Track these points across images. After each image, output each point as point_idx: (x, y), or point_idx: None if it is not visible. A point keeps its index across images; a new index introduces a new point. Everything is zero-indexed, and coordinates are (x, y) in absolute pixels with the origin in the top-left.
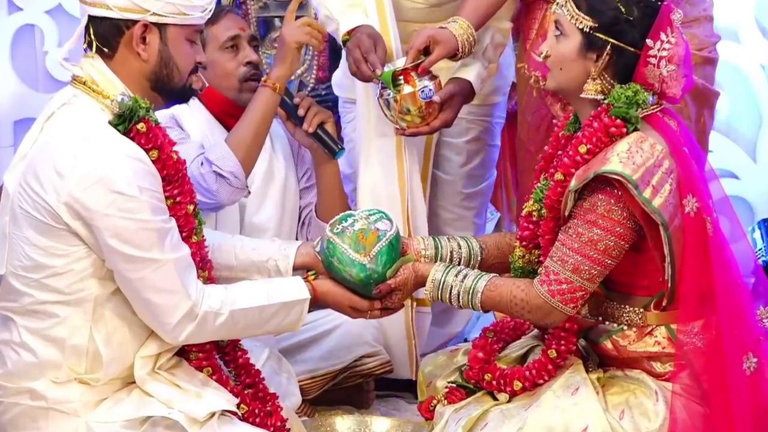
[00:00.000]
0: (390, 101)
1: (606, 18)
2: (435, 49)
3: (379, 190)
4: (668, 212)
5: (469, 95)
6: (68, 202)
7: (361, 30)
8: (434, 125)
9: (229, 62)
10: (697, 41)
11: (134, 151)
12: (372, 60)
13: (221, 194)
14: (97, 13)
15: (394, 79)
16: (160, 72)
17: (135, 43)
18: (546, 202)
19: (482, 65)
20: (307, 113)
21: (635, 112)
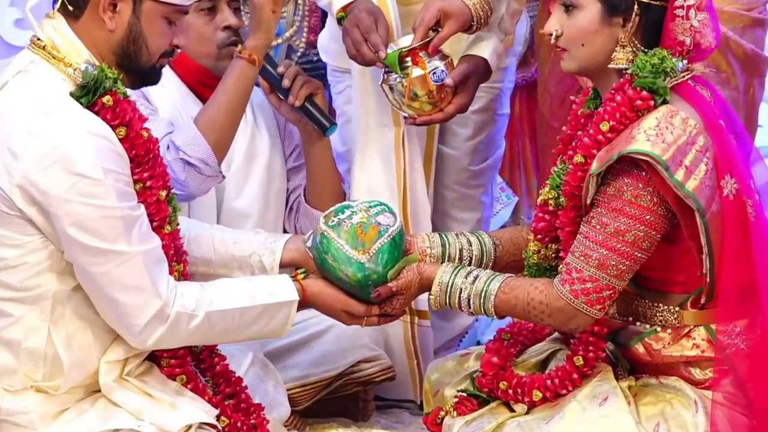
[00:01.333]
0: (396, 86)
1: None
2: (446, 23)
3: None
4: (704, 196)
5: (485, 74)
6: (22, 184)
7: (359, 5)
8: (449, 111)
9: (205, 26)
10: (745, 0)
11: (99, 127)
12: (373, 40)
13: (190, 184)
14: None
15: (400, 61)
16: (128, 47)
17: (102, 8)
18: (564, 188)
19: (498, 38)
20: (293, 84)
21: (663, 82)
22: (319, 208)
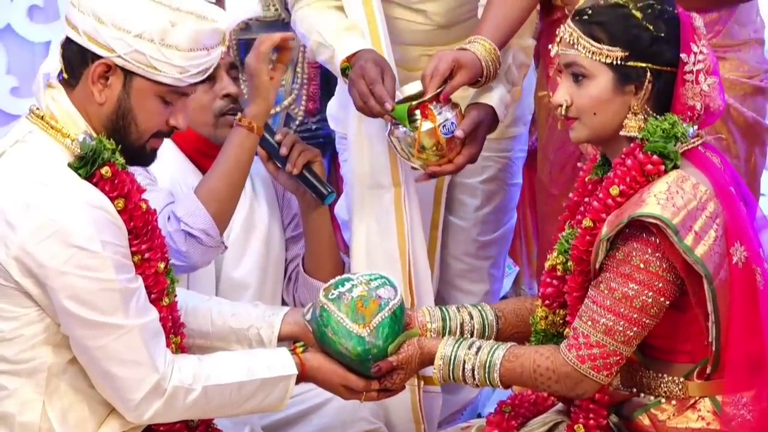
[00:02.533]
0: (405, 139)
1: (638, 42)
2: (458, 73)
3: (375, 249)
4: (713, 263)
5: (493, 123)
6: (19, 256)
7: (364, 56)
8: (459, 162)
9: (204, 94)
10: (746, 68)
11: (97, 199)
12: (379, 92)
13: (192, 255)
14: (69, 33)
15: (409, 114)
16: (116, 122)
17: (91, 80)
18: (573, 253)
19: (505, 88)
20: (291, 152)
21: (674, 147)
22: (318, 278)
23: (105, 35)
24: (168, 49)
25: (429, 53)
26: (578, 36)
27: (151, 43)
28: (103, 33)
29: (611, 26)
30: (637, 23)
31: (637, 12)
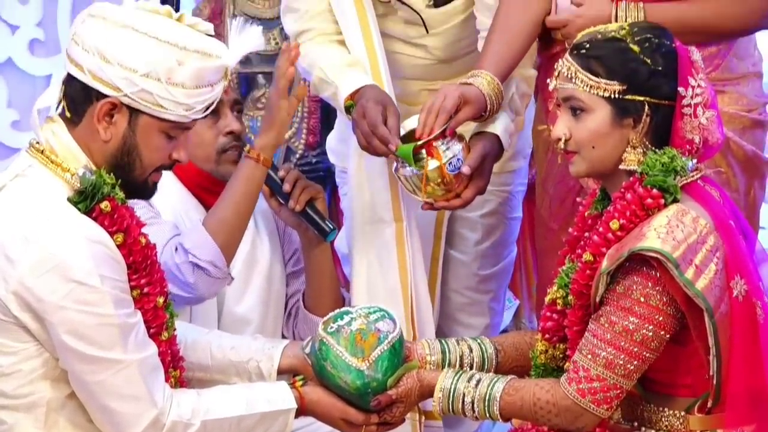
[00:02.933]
0: (412, 178)
1: (635, 76)
2: (463, 109)
3: (376, 284)
4: (713, 296)
5: (498, 153)
6: (18, 291)
7: (366, 94)
8: (467, 196)
9: (208, 130)
10: (745, 101)
11: (96, 233)
12: (382, 133)
13: (200, 287)
14: (72, 71)
15: (415, 154)
16: (121, 159)
17: (97, 118)
18: (573, 287)
19: (509, 117)
20: (294, 189)
21: (673, 181)
22: (318, 314)
23: (111, 74)
24: (174, 87)
25: (430, 87)
26: (576, 70)
27: (157, 82)
28: (108, 72)
29: (609, 60)
30: (635, 57)
31: (634, 46)
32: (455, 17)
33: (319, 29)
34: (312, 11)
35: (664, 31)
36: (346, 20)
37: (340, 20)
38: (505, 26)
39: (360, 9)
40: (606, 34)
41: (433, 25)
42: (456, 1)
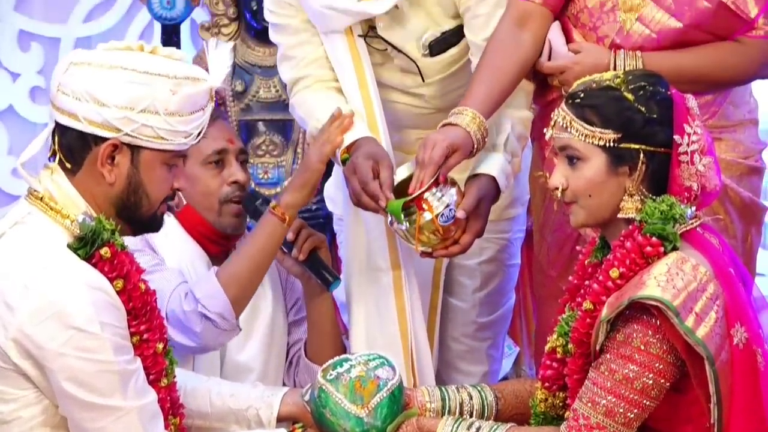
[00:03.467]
0: (406, 231)
1: (630, 124)
2: (453, 155)
3: (375, 331)
4: (714, 344)
5: (495, 195)
6: (17, 338)
7: (360, 148)
8: (465, 242)
9: (212, 180)
10: (742, 148)
11: (96, 280)
12: (372, 190)
13: (206, 337)
14: (65, 122)
15: (405, 208)
16: (127, 199)
17: (100, 163)
18: (573, 335)
19: (505, 158)
20: (298, 238)
21: (672, 229)
22: (319, 362)
23: (108, 116)
24: (172, 116)
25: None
26: (571, 119)
27: (155, 115)
28: (105, 114)
29: (603, 109)
30: (629, 105)
31: (629, 94)
32: (451, 66)
33: (316, 76)
34: (308, 58)
35: (659, 79)
36: (342, 69)
37: (337, 69)
38: (491, 65)
39: (356, 58)
40: (600, 82)
41: (429, 74)
42: (452, 50)
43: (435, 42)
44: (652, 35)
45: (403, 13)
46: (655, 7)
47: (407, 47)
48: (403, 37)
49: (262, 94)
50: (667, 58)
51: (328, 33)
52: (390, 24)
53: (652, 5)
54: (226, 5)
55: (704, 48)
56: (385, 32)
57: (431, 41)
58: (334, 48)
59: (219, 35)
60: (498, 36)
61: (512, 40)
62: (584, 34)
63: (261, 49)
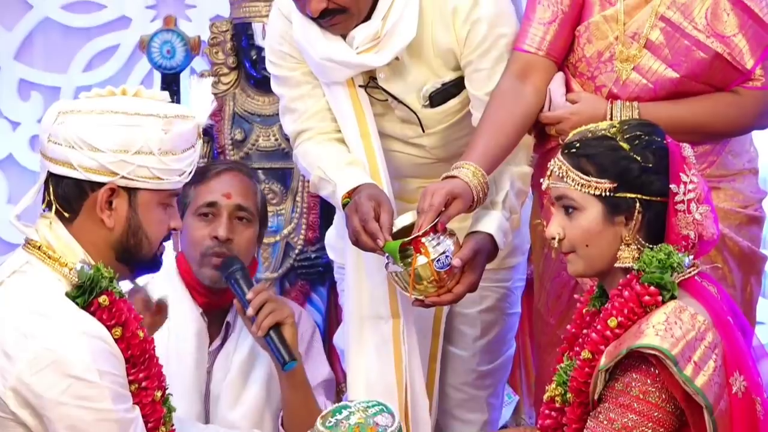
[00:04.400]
0: (401, 274)
1: (625, 173)
2: (452, 204)
3: (374, 379)
4: (713, 393)
5: (492, 251)
6: (16, 387)
7: (362, 191)
8: (458, 292)
9: (199, 231)
10: (741, 197)
11: (94, 328)
12: (371, 229)
13: None
14: (59, 171)
15: (402, 251)
16: (127, 242)
17: (100, 208)
18: (571, 384)
19: (503, 216)
20: (259, 313)
21: (670, 278)
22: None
23: (104, 161)
24: (166, 156)
25: (427, 185)
26: (567, 169)
27: (150, 155)
28: (101, 159)
29: (599, 158)
30: (625, 154)
31: (624, 143)
32: (451, 117)
33: (318, 128)
34: (310, 111)
35: (654, 129)
36: (344, 120)
37: (339, 119)
38: (493, 120)
39: (357, 108)
40: (596, 132)
41: (429, 124)
42: (452, 101)
43: (435, 93)
44: (648, 85)
45: (404, 64)
46: (651, 58)
47: (408, 98)
48: (404, 88)
49: (262, 143)
50: (663, 108)
51: (329, 84)
52: (391, 75)
53: (649, 56)
54: (226, 54)
55: (701, 99)
56: (386, 83)
57: (432, 92)
58: (336, 98)
59: (218, 84)
60: (500, 90)
61: (514, 93)
62: (582, 83)
63: (260, 98)
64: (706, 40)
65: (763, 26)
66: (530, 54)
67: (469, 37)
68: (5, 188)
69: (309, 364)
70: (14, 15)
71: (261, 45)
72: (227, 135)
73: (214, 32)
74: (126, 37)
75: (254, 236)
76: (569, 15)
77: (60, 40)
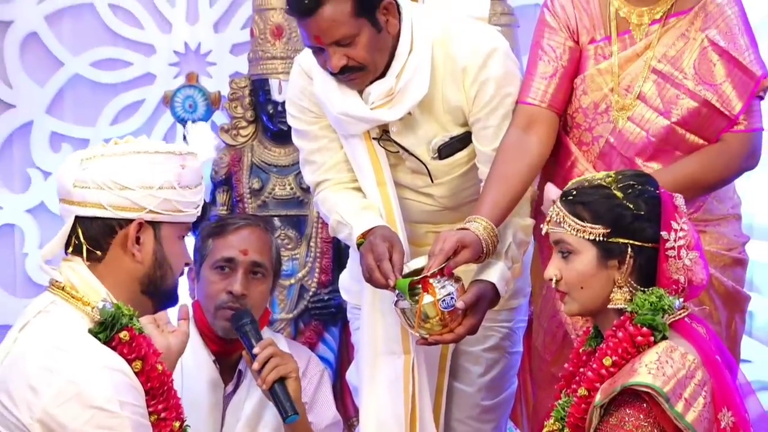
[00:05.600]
0: (407, 311)
1: (618, 220)
2: (462, 252)
3: (386, 416)
4: (703, 428)
5: (494, 299)
6: (42, 419)
7: (376, 233)
8: (459, 332)
9: (214, 285)
10: (725, 241)
11: (115, 362)
12: (385, 268)
13: None
14: (88, 213)
15: (411, 288)
16: (154, 274)
17: (130, 243)
18: (569, 420)
19: (506, 265)
20: (264, 368)
21: (662, 320)
22: None
23: (132, 197)
24: (185, 189)
25: (435, 230)
26: (564, 215)
27: (171, 189)
28: (130, 196)
29: (594, 205)
30: (619, 203)
31: (618, 192)
32: (458, 168)
33: (336, 179)
34: (328, 164)
35: (648, 179)
36: (361, 170)
37: (356, 170)
38: (501, 175)
39: (374, 159)
40: (592, 181)
41: (437, 175)
42: (459, 154)
43: (444, 146)
44: (642, 133)
45: (415, 119)
46: (645, 107)
47: (418, 150)
48: (415, 141)
49: (278, 192)
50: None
51: (347, 136)
52: (402, 129)
53: (642, 105)
54: (244, 109)
55: (690, 157)
56: (398, 136)
57: (440, 145)
58: (353, 150)
59: (237, 136)
60: (506, 144)
61: (520, 146)
62: (580, 134)
63: (276, 149)
64: (695, 88)
65: (748, 74)
66: (534, 106)
67: (478, 96)
68: (36, 234)
69: (316, 408)
70: (46, 72)
71: (277, 100)
72: (245, 184)
73: (234, 88)
74: (151, 93)
75: (267, 290)
76: (568, 69)
77: (89, 95)
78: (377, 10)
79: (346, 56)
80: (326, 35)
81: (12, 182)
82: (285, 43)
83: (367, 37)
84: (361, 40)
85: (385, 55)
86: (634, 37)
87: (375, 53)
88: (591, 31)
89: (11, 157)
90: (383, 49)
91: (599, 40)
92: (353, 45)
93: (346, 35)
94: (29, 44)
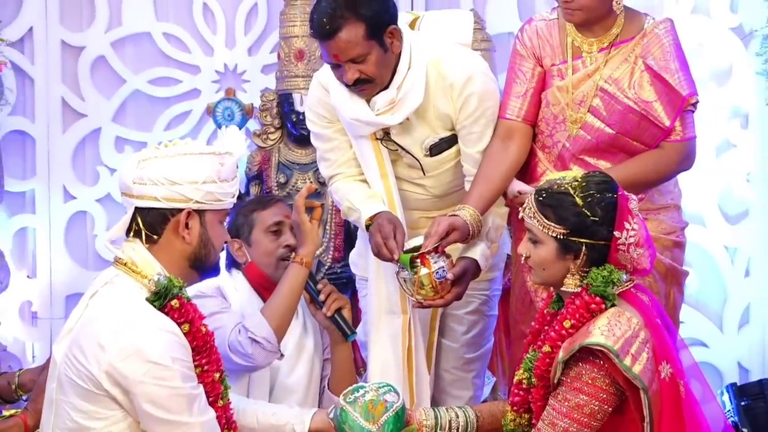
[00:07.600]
0: (407, 280)
1: (575, 224)
2: (452, 234)
3: (389, 363)
4: (647, 378)
5: (476, 272)
6: (108, 371)
7: (382, 216)
8: (448, 298)
9: (271, 243)
10: (665, 226)
11: (168, 325)
12: (390, 245)
13: (257, 357)
14: (146, 204)
15: (411, 261)
16: (200, 252)
17: (181, 228)
18: (535, 371)
19: (486, 245)
20: (327, 298)
21: (611, 290)
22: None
23: (182, 191)
24: (224, 182)
25: (426, 216)
26: (535, 211)
27: (213, 183)
28: (179, 190)
29: (558, 209)
30: (579, 210)
31: (579, 200)
32: (446, 164)
33: (347, 173)
34: (339, 161)
35: (608, 185)
36: (368, 165)
37: (363, 164)
38: (486, 174)
39: (378, 156)
40: (561, 186)
41: (429, 169)
42: (446, 152)
43: (434, 146)
44: (592, 140)
45: (412, 123)
46: (594, 118)
47: (413, 149)
48: (410, 141)
49: (300, 185)
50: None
51: (356, 137)
52: (401, 131)
53: (592, 117)
54: (272, 117)
55: (633, 160)
56: (397, 137)
57: (431, 145)
58: (361, 148)
59: (267, 140)
60: (490, 150)
61: (501, 151)
62: (543, 139)
63: (299, 150)
64: (634, 105)
65: (675, 93)
66: (511, 121)
67: (463, 107)
68: (104, 219)
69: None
70: (112, 88)
71: (299, 110)
72: (273, 179)
73: (264, 101)
74: (196, 105)
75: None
76: (537, 89)
77: (146, 107)
78: (384, 35)
79: (359, 71)
80: (343, 54)
81: (84, 177)
82: (306, 64)
83: (376, 56)
84: (372, 58)
85: (390, 71)
86: (586, 61)
87: (382, 69)
88: (552, 56)
89: (83, 156)
90: (388, 66)
91: (558, 63)
92: (365, 62)
93: (359, 54)
94: (98, 65)
